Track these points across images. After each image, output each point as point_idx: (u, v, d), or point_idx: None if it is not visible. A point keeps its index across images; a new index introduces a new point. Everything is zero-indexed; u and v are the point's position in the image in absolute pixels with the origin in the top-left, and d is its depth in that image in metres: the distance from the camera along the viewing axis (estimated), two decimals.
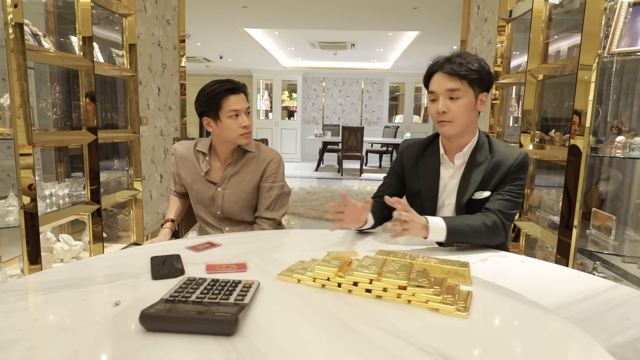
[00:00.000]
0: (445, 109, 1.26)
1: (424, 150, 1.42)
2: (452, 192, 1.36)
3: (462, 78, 1.24)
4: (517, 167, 1.30)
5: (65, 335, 0.69)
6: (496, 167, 1.31)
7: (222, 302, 0.73)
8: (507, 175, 1.30)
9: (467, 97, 1.27)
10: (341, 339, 0.68)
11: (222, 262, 1.02)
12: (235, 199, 1.60)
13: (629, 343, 0.74)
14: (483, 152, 1.33)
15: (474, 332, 0.72)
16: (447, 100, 1.26)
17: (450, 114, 1.26)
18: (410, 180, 1.43)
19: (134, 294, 0.86)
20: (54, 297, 0.85)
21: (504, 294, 0.89)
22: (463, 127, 1.30)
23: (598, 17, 1.88)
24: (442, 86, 1.26)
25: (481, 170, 1.31)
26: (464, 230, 1.19)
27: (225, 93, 1.48)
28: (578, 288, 0.97)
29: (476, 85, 1.27)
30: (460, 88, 1.25)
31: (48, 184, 2.55)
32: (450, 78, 1.25)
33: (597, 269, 2.31)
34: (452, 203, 1.37)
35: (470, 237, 1.20)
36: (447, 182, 1.37)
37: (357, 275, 0.84)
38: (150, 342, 0.65)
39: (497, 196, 1.30)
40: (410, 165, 1.43)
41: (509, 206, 1.29)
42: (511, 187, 1.30)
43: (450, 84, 1.25)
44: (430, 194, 1.38)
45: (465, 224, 1.21)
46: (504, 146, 1.35)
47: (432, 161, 1.39)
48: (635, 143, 1.94)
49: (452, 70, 1.24)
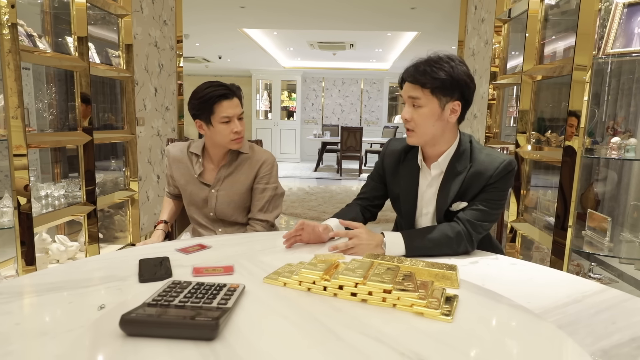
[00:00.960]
0: (407, 116, 1.24)
1: (405, 154, 1.38)
2: (429, 201, 1.33)
3: (422, 87, 1.21)
4: (497, 177, 1.23)
5: (47, 340, 0.69)
6: (475, 176, 1.26)
7: (204, 306, 0.72)
8: (486, 186, 1.25)
9: (428, 107, 1.22)
10: (323, 344, 0.67)
11: (210, 265, 1.02)
12: (229, 200, 1.60)
13: (615, 347, 0.73)
14: (462, 161, 1.27)
15: (457, 337, 0.71)
16: (411, 107, 1.24)
17: (412, 122, 1.24)
18: (391, 184, 1.41)
19: (119, 297, 0.86)
20: (39, 300, 0.85)
21: (490, 297, 0.89)
22: (428, 137, 1.25)
23: (592, 18, 1.88)
24: (405, 93, 1.24)
25: (459, 180, 1.27)
26: (424, 245, 1.19)
27: (218, 98, 1.47)
28: (567, 291, 0.96)
29: (440, 94, 1.21)
30: (421, 97, 1.21)
31: (44, 185, 2.55)
32: (412, 86, 1.22)
33: (593, 270, 2.31)
34: (430, 212, 1.34)
35: (431, 250, 1.19)
36: (425, 190, 1.34)
37: (343, 278, 0.84)
38: (130, 347, 0.65)
39: (471, 205, 1.27)
40: (391, 168, 1.40)
41: (480, 217, 1.24)
42: (487, 197, 1.25)
43: (412, 92, 1.22)
44: (409, 200, 1.35)
45: (425, 237, 1.20)
46: (485, 154, 1.28)
47: (411, 167, 1.36)
48: (630, 144, 1.93)
49: (414, 78, 1.21)
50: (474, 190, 1.26)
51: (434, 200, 1.32)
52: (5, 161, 2.65)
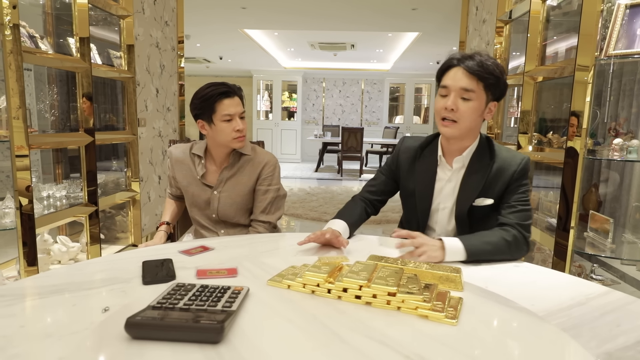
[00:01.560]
0: (454, 106, 1.19)
1: (422, 150, 1.37)
2: (448, 196, 1.33)
3: (479, 79, 1.18)
4: (520, 174, 1.26)
5: (52, 342, 0.69)
6: (499, 173, 1.26)
7: (209, 308, 0.72)
8: (510, 183, 1.26)
9: (478, 101, 1.20)
10: (327, 347, 0.67)
11: (213, 267, 1.02)
12: (231, 202, 1.60)
13: (620, 350, 0.73)
14: (484, 157, 1.28)
15: (461, 340, 0.71)
16: (459, 99, 1.20)
17: (457, 113, 1.20)
18: (405, 180, 1.40)
19: (123, 299, 0.85)
20: (43, 302, 0.85)
21: (494, 300, 0.88)
22: (466, 131, 1.24)
23: (595, 19, 1.88)
24: (457, 82, 1.19)
25: (482, 175, 1.27)
26: (484, 249, 1.14)
27: (219, 96, 1.48)
28: (571, 294, 0.96)
29: (490, 92, 1.21)
30: (476, 90, 1.19)
31: (46, 186, 2.55)
32: (468, 76, 1.18)
33: (595, 271, 2.30)
34: (448, 207, 1.34)
35: (491, 255, 1.15)
36: (444, 185, 1.34)
37: (347, 281, 0.84)
38: (135, 351, 0.65)
39: (509, 209, 1.25)
40: (407, 165, 1.39)
41: (525, 217, 1.24)
42: (519, 196, 1.26)
43: (466, 83, 1.18)
44: (425, 195, 1.35)
45: (483, 242, 1.16)
46: (505, 150, 1.31)
47: (429, 162, 1.35)
48: (632, 146, 1.93)
49: (472, 68, 1.17)
50: (498, 186, 1.27)
51: (454, 195, 1.31)
52: (6, 162, 2.65)
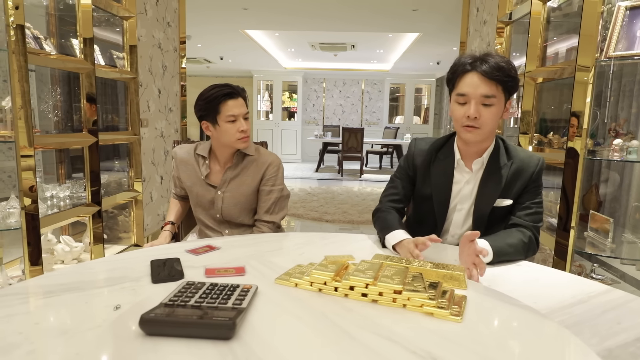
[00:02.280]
0: (477, 114, 1.17)
1: (436, 153, 1.35)
2: (466, 197, 1.32)
3: (499, 83, 1.16)
4: (537, 175, 1.27)
5: (67, 339, 0.70)
6: (517, 173, 1.27)
7: (220, 306, 0.74)
8: (528, 184, 1.27)
9: (499, 105, 1.19)
10: (337, 344, 0.69)
11: (221, 266, 1.04)
12: (235, 202, 1.61)
13: (620, 347, 0.75)
14: (501, 158, 1.27)
15: (466, 336, 0.73)
16: (480, 106, 1.18)
17: (481, 120, 1.18)
18: (421, 183, 1.38)
19: (134, 297, 0.87)
20: (55, 300, 0.87)
21: (498, 298, 0.90)
22: (489, 134, 1.24)
23: (595, 20, 1.90)
24: (477, 90, 1.17)
25: (502, 176, 1.26)
26: (507, 251, 1.16)
27: (223, 98, 1.50)
28: (572, 292, 0.98)
29: (508, 92, 1.20)
30: (496, 95, 1.17)
31: (49, 186, 2.57)
32: (486, 82, 1.15)
33: (595, 270, 2.32)
34: (465, 209, 1.33)
35: (511, 256, 1.17)
36: (462, 187, 1.32)
37: (354, 279, 0.85)
38: (149, 346, 0.66)
39: (525, 210, 1.26)
40: (423, 169, 1.36)
41: (539, 219, 1.26)
42: (535, 198, 1.27)
43: (487, 89, 1.16)
44: (443, 199, 1.33)
45: (506, 243, 1.17)
46: (521, 151, 1.31)
47: (445, 165, 1.32)
48: (632, 146, 1.95)
49: (491, 74, 1.15)
50: (517, 187, 1.27)
51: (472, 196, 1.31)
52: (8, 162, 2.67)
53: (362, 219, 4.61)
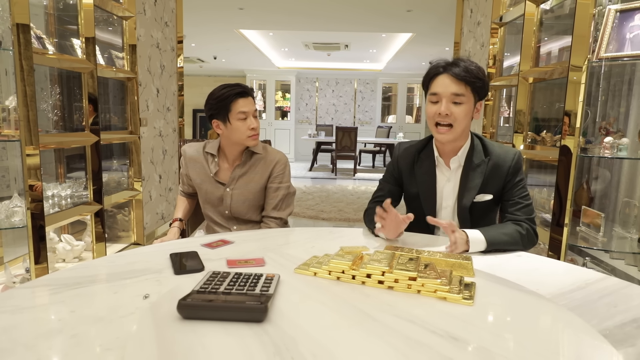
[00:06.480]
0: (447, 111, 1.27)
1: (418, 154, 1.44)
2: (449, 194, 1.40)
3: (467, 84, 1.27)
4: (514, 169, 1.34)
5: (105, 325, 0.74)
6: (495, 169, 1.35)
7: (249, 292, 0.79)
8: (507, 178, 1.35)
9: (469, 104, 1.29)
10: (361, 325, 0.74)
11: (241, 258, 1.08)
12: (243, 199, 1.66)
13: (617, 327, 0.81)
14: (478, 155, 1.36)
15: (479, 317, 0.79)
16: (450, 104, 1.28)
17: (451, 117, 1.28)
18: (407, 184, 1.47)
19: (160, 288, 0.91)
20: (85, 291, 0.91)
21: (505, 284, 0.96)
22: (460, 133, 1.33)
23: (588, 21, 1.97)
24: (447, 89, 1.28)
25: (479, 172, 1.35)
26: (501, 239, 1.23)
27: (234, 96, 1.54)
28: (571, 279, 1.04)
29: (476, 94, 1.30)
30: (465, 94, 1.27)
31: (50, 185, 2.58)
32: (456, 82, 1.26)
33: (587, 265, 2.41)
34: (450, 205, 1.41)
35: (508, 245, 1.24)
36: (444, 185, 1.41)
37: (370, 267, 0.91)
38: (188, 328, 0.71)
39: (515, 206, 1.34)
40: (407, 170, 1.46)
41: (531, 211, 1.33)
42: (520, 192, 1.34)
43: (456, 88, 1.27)
44: (429, 197, 1.42)
45: (500, 232, 1.24)
46: (497, 147, 1.39)
47: (427, 165, 1.42)
48: (622, 144, 2.03)
49: (460, 75, 1.26)
50: (495, 181, 1.35)
51: (454, 193, 1.39)
52: (10, 161, 2.67)
53: (358, 217, 4.67)
